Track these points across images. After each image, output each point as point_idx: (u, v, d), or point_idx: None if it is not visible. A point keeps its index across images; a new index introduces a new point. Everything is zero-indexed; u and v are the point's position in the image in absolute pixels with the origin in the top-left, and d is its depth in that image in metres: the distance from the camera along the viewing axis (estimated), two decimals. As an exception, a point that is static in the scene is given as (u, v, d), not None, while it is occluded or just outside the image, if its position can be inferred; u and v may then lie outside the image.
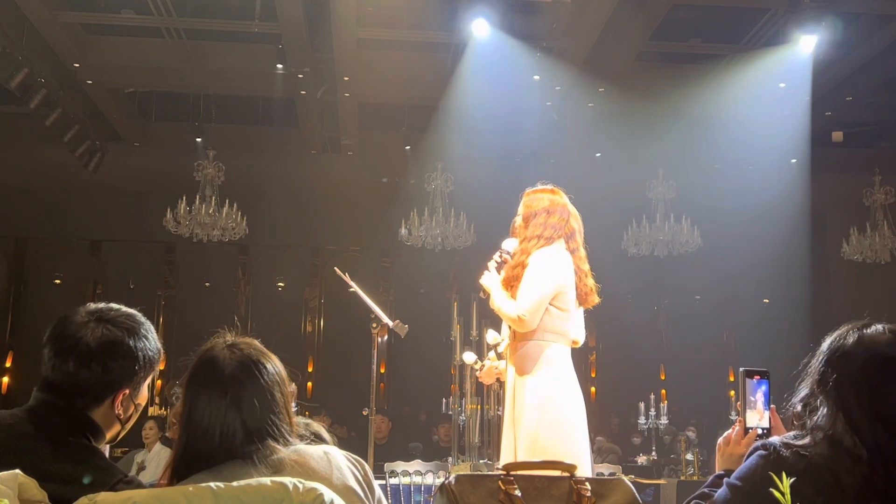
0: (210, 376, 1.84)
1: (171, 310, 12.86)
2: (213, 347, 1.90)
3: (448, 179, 10.91)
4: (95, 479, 1.70)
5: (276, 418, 1.85)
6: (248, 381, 1.85)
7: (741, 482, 1.77)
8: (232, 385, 1.82)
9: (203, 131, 11.24)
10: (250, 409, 1.82)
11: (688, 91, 9.73)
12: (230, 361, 1.86)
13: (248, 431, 1.80)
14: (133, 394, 1.90)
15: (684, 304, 13.07)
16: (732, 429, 2.00)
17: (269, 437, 1.82)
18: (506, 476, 1.77)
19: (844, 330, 1.85)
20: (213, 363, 1.85)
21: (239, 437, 1.80)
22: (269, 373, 1.89)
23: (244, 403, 1.82)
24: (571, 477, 1.91)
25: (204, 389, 1.82)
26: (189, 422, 1.80)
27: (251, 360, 1.89)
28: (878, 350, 1.78)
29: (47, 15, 8.77)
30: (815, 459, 1.71)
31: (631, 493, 1.77)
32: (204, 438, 1.78)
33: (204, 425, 1.79)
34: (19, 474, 1.47)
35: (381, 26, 9.34)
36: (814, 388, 1.82)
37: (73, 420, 1.80)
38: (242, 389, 1.83)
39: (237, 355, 1.88)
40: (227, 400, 1.81)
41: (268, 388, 1.86)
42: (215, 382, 1.83)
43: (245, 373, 1.85)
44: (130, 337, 1.86)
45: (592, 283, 3.82)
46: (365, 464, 1.93)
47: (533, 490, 1.70)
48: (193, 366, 1.87)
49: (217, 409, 1.80)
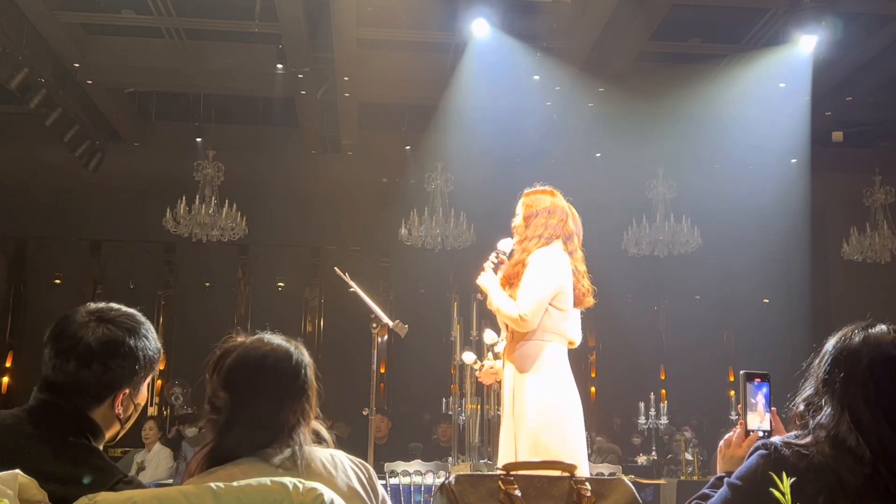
0: (244, 370, 1.90)
1: (171, 310, 12.86)
2: (244, 343, 1.96)
3: (448, 179, 10.91)
4: (95, 480, 1.70)
5: (302, 417, 1.91)
6: (281, 378, 1.92)
7: (742, 482, 1.77)
8: (264, 379, 1.89)
9: (203, 131, 11.24)
10: (277, 405, 1.88)
11: (688, 91, 9.72)
12: (260, 356, 1.92)
13: (274, 427, 1.86)
14: (133, 393, 1.90)
15: (684, 304, 13.07)
16: (734, 431, 2.00)
17: (289, 434, 1.87)
18: (506, 476, 1.77)
19: (849, 330, 1.85)
20: (247, 356, 1.91)
21: (264, 432, 1.85)
22: (305, 373, 1.97)
23: (271, 399, 1.88)
24: (571, 477, 1.91)
25: (239, 382, 1.88)
26: (229, 410, 1.86)
27: (284, 357, 1.95)
28: (884, 350, 1.78)
29: (47, 15, 8.76)
30: (817, 459, 1.71)
31: (631, 493, 1.77)
32: (237, 429, 1.84)
33: (238, 417, 1.85)
34: (19, 474, 1.47)
35: (381, 26, 9.34)
36: (818, 387, 1.82)
37: (73, 420, 1.80)
38: (273, 385, 1.89)
39: (270, 350, 1.94)
40: (260, 393, 1.87)
41: (299, 386, 1.93)
42: (248, 375, 1.89)
43: (278, 368, 1.92)
44: (131, 337, 1.86)
45: (589, 285, 3.83)
46: (370, 467, 1.95)
47: (533, 490, 1.70)
48: (227, 359, 1.93)
49: (250, 402, 1.87)
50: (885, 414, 1.73)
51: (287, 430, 1.88)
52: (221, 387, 1.89)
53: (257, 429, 1.86)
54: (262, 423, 1.87)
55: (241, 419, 1.86)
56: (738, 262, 11.88)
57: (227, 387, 1.89)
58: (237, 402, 1.88)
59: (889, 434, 1.71)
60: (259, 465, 1.81)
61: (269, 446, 1.85)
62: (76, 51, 9.59)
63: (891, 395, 1.74)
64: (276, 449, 1.85)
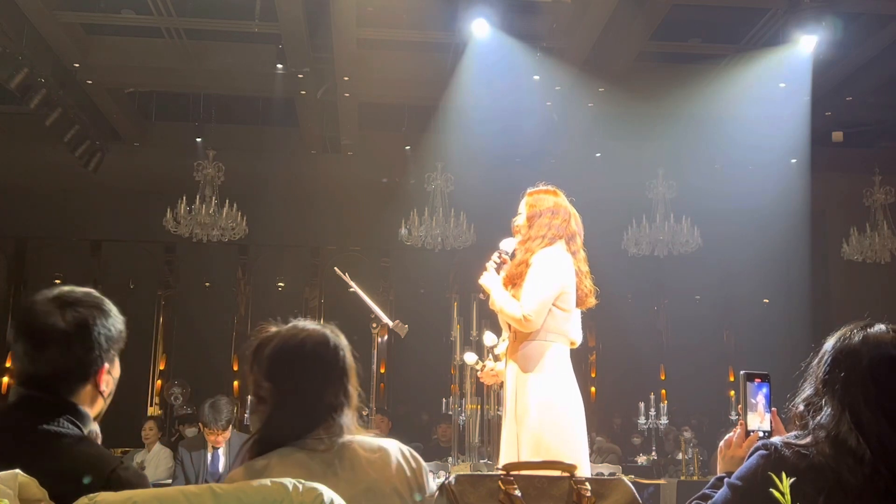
0: (285, 357, 1.95)
1: (171, 310, 12.86)
2: (280, 332, 2.02)
3: (448, 179, 10.90)
4: (93, 472, 1.69)
5: (344, 399, 1.97)
6: (321, 362, 1.97)
7: (742, 482, 1.77)
8: (305, 365, 1.94)
9: (203, 131, 11.24)
10: (319, 390, 1.94)
11: (688, 91, 9.72)
12: (299, 342, 1.97)
13: (318, 412, 1.92)
14: (111, 368, 1.91)
15: (684, 304, 13.07)
16: (734, 431, 2.00)
17: (333, 418, 1.92)
18: (506, 476, 1.77)
19: (848, 330, 1.85)
20: (286, 344, 1.97)
21: (308, 418, 1.90)
22: (343, 356, 2.02)
23: (313, 384, 1.94)
24: (571, 477, 1.91)
25: (281, 370, 1.94)
26: (274, 397, 1.91)
27: (322, 341, 2.00)
28: (884, 350, 1.78)
29: (47, 15, 8.76)
30: (817, 459, 1.71)
31: (631, 493, 1.77)
32: (282, 417, 1.89)
33: (283, 404, 1.90)
34: (19, 474, 1.47)
35: (381, 26, 9.34)
36: (818, 387, 1.82)
37: (59, 411, 1.80)
38: (313, 369, 1.95)
39: (307, 336, 2.00)
40: (302, 379, 1.93)
41: (339, 369, 1.98)
42: (289, 363, 1.94)
43: (317, 353, 1.98)
44: (100, 314, 1.87)
45: (591, 286, 3.83)
46: (420, 460, 2.00)
47: (533, 490, 1.70)
48: (266, 349, 1.98)
49: (293, 389, 1.92)
50: (886, 414, 1.73)
51: (330, 414, 1.93)
52: (264, 377, 1.94)
53: (301, 415, 1.91)
54: (306, 408, 1.91)
55: (285, 406, 1.91)
56: (738, 262, 11.87)
57: (270, 376, 1.94)
58: (280, 389, 1.92)
59: (889, 434, 1.71)
60: (297, 455, 1.85)
61: (313, 432, 1.90)
62: (76, 51, 9.59)
63: (891, 394, 1.74)
64: (319, 436, 1.90)
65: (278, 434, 1.90)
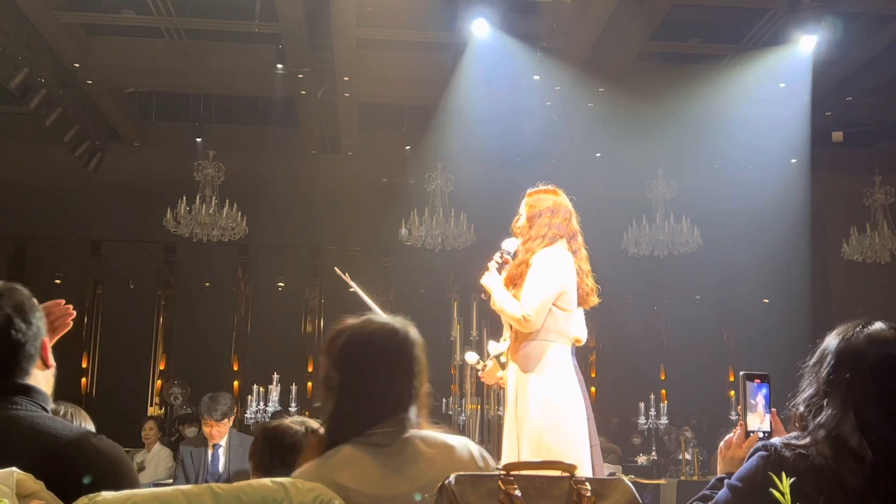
0: (353, 349, 1.98)
1: (171, 310, 12.86)
2: (353, 324, 2.03)
3: (448, 179, 10.91)
4: (67, 446, 1.68)
5: (412, 393, 1.97)
6: (389, 355, 1.98)
7: (742, 483, 1.77)
8: (373, 357, 1.96)
9: (203, 131, 11.24)
10: (387, 382, 1.96)
11: (688, 91, 9.72)
12: (367, 334, 2.00)
13: (384, 405, 1.93)
14: (49, 339, 1.92)
15: (684, 304, 13.07)
16: (734, 432, 2.00)
17: (400, 412, 1.94)
18: (506, 476, 1.77)
19: (848, 329, 1.85)
20: (355, 336, 1.99)
21: (373, 411, 1.91)
22: (412, 350, 2.02)
23: (380, 376, 1.95)
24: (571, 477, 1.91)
25: (348, 362, 1.97)
26: (342, 388, 1.95)
27: (391, 334, 2.01)
28: (888, 349, 1.78)
29: (47, 15, 8.76)
30: (818, 460, 1.71)
31: (631, 493, 1.77)
32: (348, 409, 1.92)
33: (349, 396, 1.93)
34: (15, 471, 1.47)
35: (381, 26, 9.34)
36: (820, 387, 1.82)
37: (19, 397, 1.78)
38: (381, 362, 1.96)
39: (377, 328, 2.02)
40: (368, 372, 1.95)
41: (407, 362, 1.99)
42: (357, 355, 1.97)
43: (385, 345, 1.99)
44: (18, 293, 1.87)
45: (592, 284, 3.83)
46: (490, 462, 2.01)
47: (533, 490, 1.70)
48: (339, 341, 2.01)
49: (360, 381, 1.94)
50: (889, 414, 1.72)
51: (395, 409, 1.94)
52: (333, 368, 1.98)
53: (366, 408, 1.92)
54: (371, 402, 1.93)
55: (351, 398, 1.93)
56: (738, 262, 11.88)
57: (338, 367, 1.97)
58: (347, 381, 1.95)
59: (892, 434, 1.71)
60: (360, 450, 1.87)
61: (377, 425, 1.91)
62: (76, 51, 9.59)
63: (894, 394, 1.74)
64: (384, 431, 1.91)
65: (343, 427, 1.93)
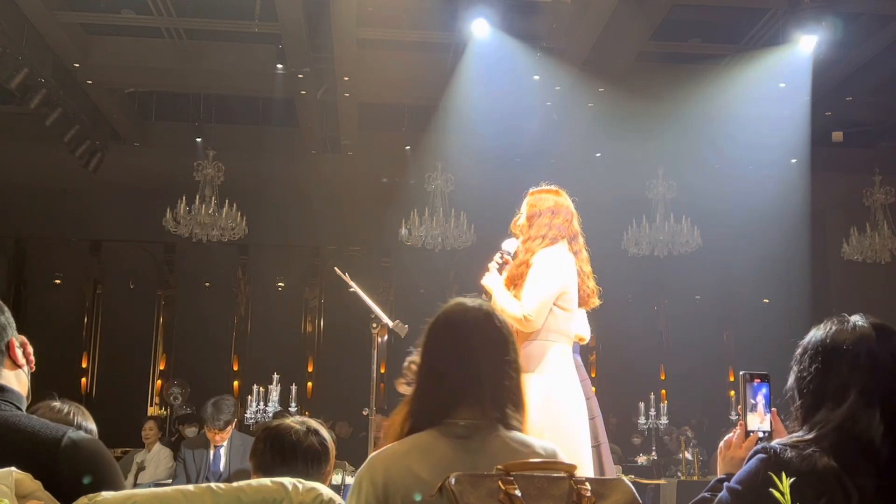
0: (440, 332, 1.96)
1: (171, 310, 12.86)
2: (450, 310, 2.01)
3: (448, 179, 10.91)
4: (45, 443, 1.67)
5: (498, 390, 1.92)
6: (484, 344, 1.93)
7: (742, 486, 1.77)
8: (463, 346, 1.92)
9: (203, 131, 11.24)
10: (471, 374, 1.90)
11: (688, 91, 9.72)
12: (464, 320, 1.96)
13: (464, 389, 1.88)
14: (17, 339, 1.89)
15: (684, 304, 13.07)
16: (733, 432, 2.00)
17: (484, 406, 1.88)
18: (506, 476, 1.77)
19: (832, 327, 1.85)
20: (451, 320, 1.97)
21: (453, 395, 1.87)
22: (502, 341, 1.96)
23: (466, 366, 1.90)
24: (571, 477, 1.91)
25: (431, 346, 1.95)
26: (422, 372, 1.94)
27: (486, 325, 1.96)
28: (873, 343, 1.79)
29: (47, 15, 8.76)
30: (818, 460, 1.71)
31: (631, 493, 1.77)
32: (436, 388, 1.89)
33: (431, 382, 1.91)
34: (14, 471, 1.47)
35: (381, 26, 9.34)
36: (813, 388, 1.82)
37: None
38: (474, 351, 1.92)
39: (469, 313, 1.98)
40: (453, 360, 1.91)
41: (496, 356, 1.94)
42: (452, 341, 1.94)
43: (486, 332, 1.95)
44: None
45: (593, 285, 3.83)
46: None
47: (533, 490, 1.70)
48: (434, 318, 2.00)
49: (443, 368, 1.91)
50: (886, 410, 1.73)
51: (479, 396, 1.88)
52: (420, 353, 1.97)
53: (445, 392, 1.88)
54: (450, 385, 1.89)
55: (430, 382, 1.91)
56: (738, 262, 11.88)
57: (422, 351, 1.96)
58: (426, 364, 1.94)
59: (886, 429, 1.71)
60: (437, 438, 1.84)
61: (459, 411, 1.87)
62: (76, 51, 9.59)
63: (888, 390, 1.75)
64: (464, 419, 1.86)
65: (423, 412, 1.89)
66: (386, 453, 1.86)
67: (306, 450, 2.37)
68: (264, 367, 10.25)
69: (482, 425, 1.87)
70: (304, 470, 2.29)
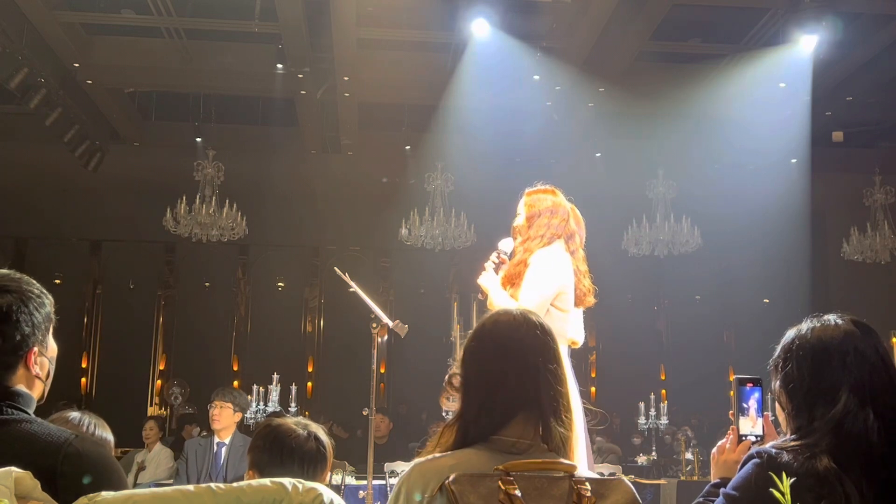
0: (480, 346, 1.88)
1: (171, 310, 12.86)
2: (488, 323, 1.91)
3: (448, 179, 10.91)
4: (47, 451, 1.66)
5: (544, 406, 1.85)
6: (525, 356, 1.85)
7: (737, 491, 1.76)
8: (503, 359, 1.85)
9: (203, 131, 11.24)
10: (513, 388, 1.83)
11: (688, 91, 9.73)
12: (505, 333, 1.88)
13: (511, 406, 1.81)
14: (42, 350, 1.87)
15: (684, 304, 13.08)
16: (727, 437, 2.01)
17: (528, 423, 1.83)
18: (506, 476, 1.77)
19: (814, 326, 1.86)
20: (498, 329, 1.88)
21: (496, 413, 1.81)
22: (543, 353, 1.87)
23: (507, 380, 1.83)
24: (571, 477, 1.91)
25: (472, 359, 1.88)
26: (465, 386, 1.86)
27: (528, 336, 1.88)
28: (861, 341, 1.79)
29: (47, 15, 8.77)
30: (818, 462, 1.70)
31: (631, 493, 1.77)
32: (480, 402, 1.81)
33: (472, 396, 1.83)
34: (14, 470, 1.47)
35: (381, 26, 9.34)
36: (807, 389, 1.82)
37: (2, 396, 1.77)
38: (515, 364, 1.84)
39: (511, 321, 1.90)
40: (492, 375, 1.83)
41: (539, 369, 1.85)
42: (494, 354, 1.86)
43: (529, 343, 1.87)
44: (19, 297, 1.84)
45: (589, 284, 3.82)
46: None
47: (533, 490, 1.70)
48: (485, 333, 1.90)
49: (484, 381, 1.84)
50: (879, 408, 1.73)
51: (521, 415, 1.82)
52: (461, 366, 1.89)
53: (490, 407, 1.82)
54: (493, 399, 1.82)
55: (474, 397, 1.84)
56: (738, 262, 11.89)
57: (463, 364, 1.89)
58: (468, 377, 1.87)
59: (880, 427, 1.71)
60: (481, 456, 1.78)
61: (507, 428, 1.81)
62: (76, 51, 9.59)
63: (878, 386, 1.75)
64: (515, 438, 1.81)
65: (468, 429, 1.82)
66: (428, 465, 1.82)
67: (304, 454, 2.36)
68: (264, 367, 10.26)
69: (533, 447, 1.83)
70: (300, 473, 2.28)
